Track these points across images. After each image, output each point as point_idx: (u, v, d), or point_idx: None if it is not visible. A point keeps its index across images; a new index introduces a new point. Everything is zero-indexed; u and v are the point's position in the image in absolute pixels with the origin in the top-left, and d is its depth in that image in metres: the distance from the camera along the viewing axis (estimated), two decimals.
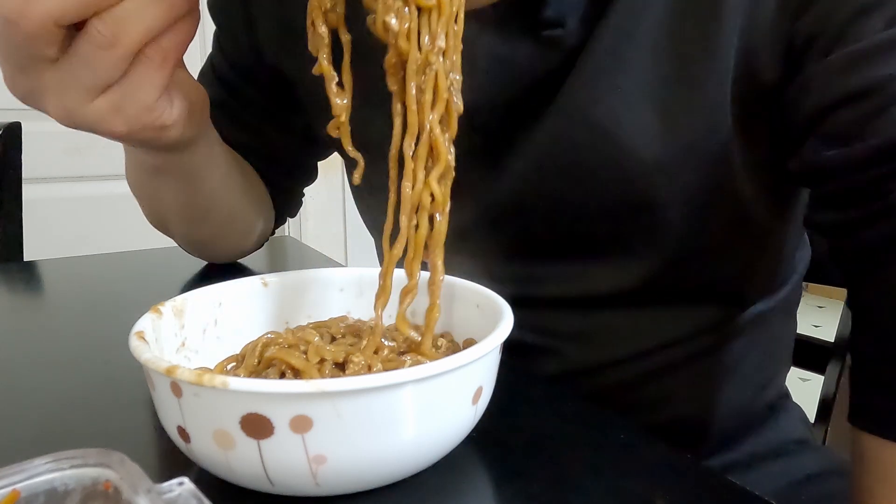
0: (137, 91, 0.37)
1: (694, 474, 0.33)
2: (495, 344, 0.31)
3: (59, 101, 0.37)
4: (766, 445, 0.56)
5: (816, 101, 0.39)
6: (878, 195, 0.37)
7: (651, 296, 0.49)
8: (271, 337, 0.38)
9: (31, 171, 1.04)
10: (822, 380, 0.66)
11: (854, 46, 0.37)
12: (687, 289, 0.49)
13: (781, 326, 0.57)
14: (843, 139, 0.38)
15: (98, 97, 0.37)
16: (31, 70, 0.36)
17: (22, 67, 0.36)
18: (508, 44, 0.44)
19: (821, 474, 0.54)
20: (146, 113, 0.39)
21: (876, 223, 0.38)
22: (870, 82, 0.37)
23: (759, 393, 0.56)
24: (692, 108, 0.42)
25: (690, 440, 0.54)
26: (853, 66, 0.37)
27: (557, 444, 0.35)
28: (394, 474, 0.30)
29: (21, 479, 0.21)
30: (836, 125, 0.38)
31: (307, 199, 0.74)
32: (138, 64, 0.36)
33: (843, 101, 0.38)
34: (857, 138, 0.37)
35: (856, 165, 0.38)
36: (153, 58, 0.36)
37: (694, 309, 0.50)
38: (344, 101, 0.34)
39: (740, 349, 0.53)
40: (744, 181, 0.45)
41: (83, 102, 0.37)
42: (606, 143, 0.43)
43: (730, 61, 0.41)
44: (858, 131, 0.37)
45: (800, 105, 0.40)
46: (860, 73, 0.37)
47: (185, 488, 0.20)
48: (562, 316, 0.51)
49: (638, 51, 0.42)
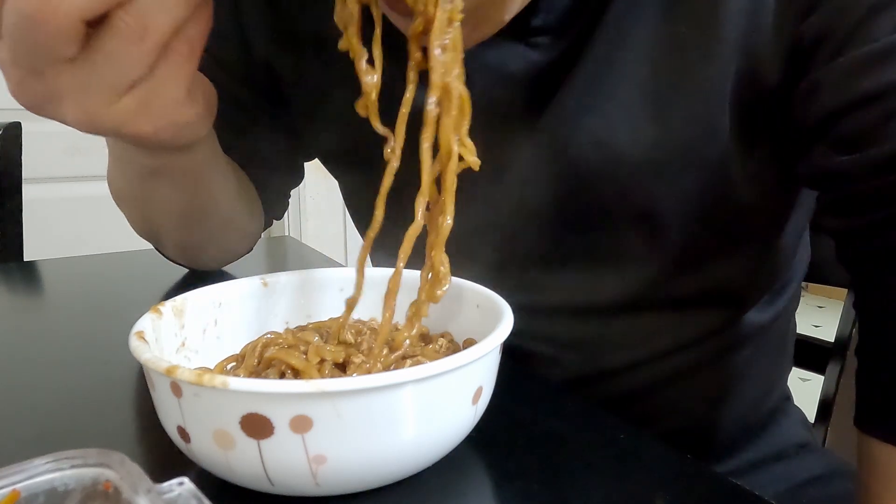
0: (166, 86, 0.35)
1: (694, 474, 0.33)
2: (495, 344, 0.31)
3: (79, 104, 0.34)
4: (768, 450, 0.56)
5: (826, 104, 0.38)
6: (890, 202, 0.37)
7: (651, 302, 0.49)
8: (271, 337, 0.38)
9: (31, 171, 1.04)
10: (822, 380, 0.66)
11: (865, 49, 0.36)
12: (687, 294, 0.49)
13: (784, 333, 0.57)
14: (855, 144, 0.37)
15: (124, 96, 0.34)
16: (47, 73, 0.33)
17: (36, 71, 0.33)
18: (498, 51, 0.44)
19: (822, 477, 0.54)
20: (175, 110, 0.36)
21: (887, 229, 0.37)
22: (881, 86, 0.36)
23: (763, 399, 0.56)
24: (689, 114, 0.42)
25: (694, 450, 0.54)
26: (864, 69, 0.36)
27: (557, 444, 0.35)
28: (394, 474, 0.30)
29: (21, 479, 0.21)
30: (848, 129, 0.38)
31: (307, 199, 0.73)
32: (166, 57, 0.34)
33: (855, 105, 0.37)
34: (870, 144, 0.37)
35: (868, 172, 0.37)
36: (181, 50, 0.34)
37: (694, 314, 0.50)
38: (374, 78, 0.33)
39: (745, 359, 0.52)
40: (743, 186, 0.44)
41: (107, 103, 0.34)
42: (602, 152, 0.43)
43: (730, 65, 0.40)
44: (870, 136, 0.37)
45: (808, 108, 0.39)
46: (871, 76, 0.36)
47: (185, 488, 0.20)
48: (562, 323, 0.50)
49: (632, 58, 0.41)
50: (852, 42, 0.37)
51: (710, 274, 0.48)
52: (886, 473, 0.38)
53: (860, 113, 0.37)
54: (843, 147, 0.38)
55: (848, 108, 0.37)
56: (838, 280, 0.66)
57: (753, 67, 0.40)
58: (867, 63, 0.36)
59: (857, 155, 0.37)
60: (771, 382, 0.57)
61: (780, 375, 0.59)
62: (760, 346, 0.53)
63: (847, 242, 0.41)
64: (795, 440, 0.57)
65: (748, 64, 0.40)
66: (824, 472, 0.54)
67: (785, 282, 0.55)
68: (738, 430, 0.55)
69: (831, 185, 0.40)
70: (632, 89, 0.42)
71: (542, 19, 0.42)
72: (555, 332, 0.51)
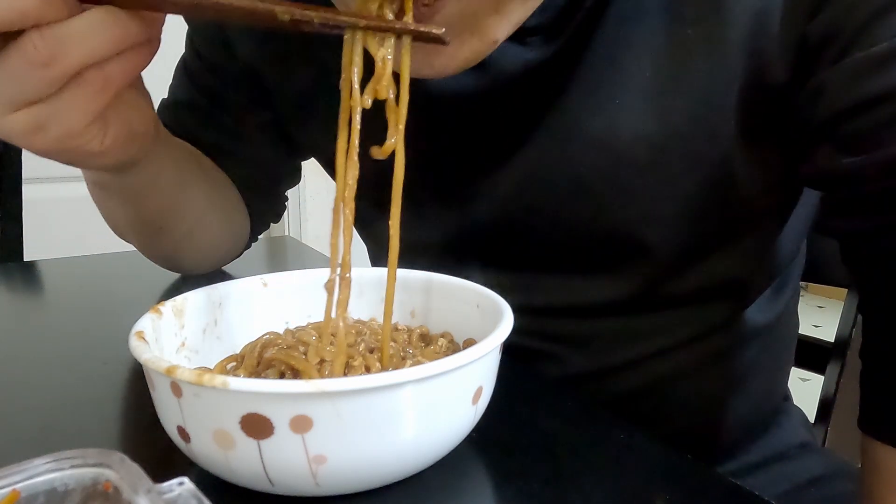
0: (65, 114, 0.33)
1: (694, 474, 0.33)
2: (495, 344, 0.31)
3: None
4: (770, 451, 0.56)
5: (831, 105, 0.38)
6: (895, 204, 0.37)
7: (652, 300, 0.49)
8: (270, 338, 0.38)
9: (31, 171, 1.04)
10: (822, 380, 0.66)
11: (871, 50, 0.36)
12: (687, 292, 0.49)
13: (787, 332, 0.57)
14: (861, 146, 0.37)
15: (18, 111, 0.32)
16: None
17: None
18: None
19: (823, 477, 0.54)
20: (70, 138, 0.34)
21: (893, 231, 0.37)
22: (887, 88, 0.35)
23: (765, 399, 0.56)
24: (692, 114, 0.41)
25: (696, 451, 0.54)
26: (870, 71, 0.36)
27: (557, 444, 0.35)
28: (394, 474, 0.30)
29: (21, 479, 0.21)
30: (853, 131, 0.37)
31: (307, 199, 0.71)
32: (73, 86, 0.32)
33: (860, 107, 0.37)
34: (875, 146, 0.36)
35: (873, 174, 0.37)
36: (92, 83, 0.32)
37: (695, 311, 0.50)
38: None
39: (748, 359, 0.52)
40: (745, 186, 0.44)
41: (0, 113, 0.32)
42: (604, 154, 0.43)
43: (737, 65, 0.40)
44: (875, 138, 0.36)
45: (814, 109, 0.39)
46: (877, 78, 0.36)
47: (185, 488, 0.20)
48: (563, 322, 0.50)
49: (635, 58, 0.41)
50: (858, 43, 0.36)
51: (711, 271, 0.48)
52: (890, 476, 0.38)
53: (866, 115, 0.36)
54: (849, 148, 0.38)
55: (854, 110, 0.37)
56: (838, 280, 0.66)
57: (760, 68, 0.40)
58: (873, 65, 0.36)
59: (863, 157, 0.37)
60: (773, 382, 0.57)
61: (782, 375, 0.59)
62: (764, 345, 0.53)
63: (852, 244, 0.40)
64: (796, 440, 0.57)
65: (755, 64, 0.40)
66: (825, 473, 0.54)
67: (785, 279, 0.55)
68: (741, 430, 0.55)
69: (836, 187, 0.39)
70: (634, 89, 0.41)
71: (536, 19, 0.41)
72: (556, 330, 0.51)
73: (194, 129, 0.58)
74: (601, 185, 0.44)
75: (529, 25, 0.41)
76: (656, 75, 0.41)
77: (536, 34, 0.43)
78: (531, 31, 0.43)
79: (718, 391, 0.52)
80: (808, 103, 0.39)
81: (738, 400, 0.53)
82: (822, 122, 0.39)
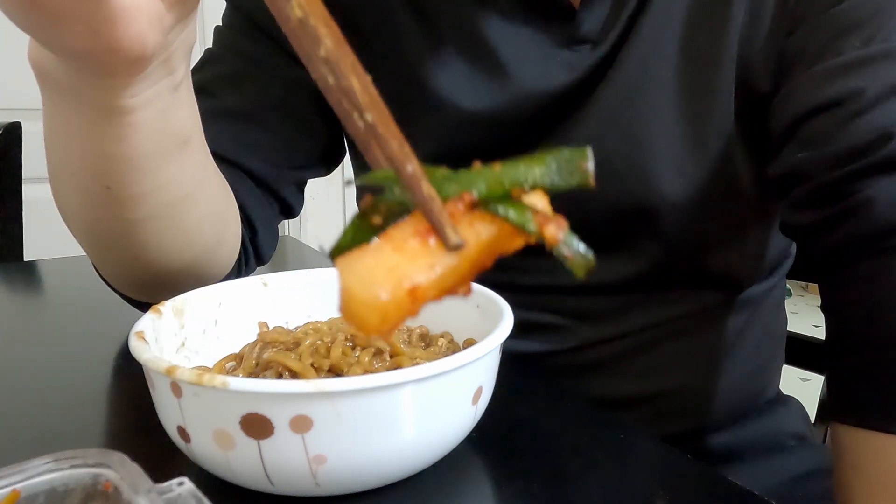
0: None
1: (694, 474, 0.33)
2: (495, 344, 0.31)
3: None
4: (766, 434, 0.57)
5: (796, 108, 0.42)
6: (844, 194, 0.40)
7: (658, 281, 0.52)
8: (269, 339, 0.38)
9: (31, 171, 1.04)
10: (823, 380, 0.66)
11: (833, 61, 0.41)
12: (688, 276, 0.52)
13: (772, 312, 0.59)
14: (817, 143, 0.41)
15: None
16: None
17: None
18: (542, 53, 0.48)
19: (820, 471, 0.55)
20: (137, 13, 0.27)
21: (842, 223, 0.40)
22: (844, 92, 0.40)
23: (757, 375, 0.58)
24: (706, 114, 0.46)
25: (695, 412, 0.55)
26: (830, 78, 0.41)
27: (557, 444, 0.35)
28: (394, 474, 0.30)
29: (21, 479, 0.21)
30: (812, 130, 0.42)
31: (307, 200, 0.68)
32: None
33: (819, 109, 0.41)
34: (829, 142, 0.40)
35: (825, 166, 0.40)
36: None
37: (694, 292, 0.53)
38: None
39: (738, 326, 0.55)
40: (745, 179, 0.49)
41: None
42: (634, 145, 0.47)
43: (732, 71, 0.45)
44: (831, 136, 0.40)
45: (781, 113, 0.44)
46: (836, 84, 0.40)
47: (185, 488, 0.20)
48: (576, 299, 0.53)
49: (663, 62, 0.46)
50: (823, 56, 0.42)
51: (711, 256, 0.52)
52: (854, 459, 0.39)
53: (823, 116, 0.41)
54: (807, 145, 0.42)
55: (813, 112, 0.41)
56: None
57: (749, 76, 0.45)
58: (832, 73, 0.41)
59: (817, 151, 0.41)
60: (764, 358, 0.59)
61: (772, 357, 0.60)
62: (751, 316, 0.56)
63: (809, 240, 0.44)
64: (794, 431, 0.59)
65: (744, 73, 0.45)
66: (822, 467, 0.55)
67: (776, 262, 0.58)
68: (736, 401, 0.56)
69: (794, 182, 0.43)
70: (661, 90, 0.46)
71: (585, 29, 0.47)
72: (570, 306, 0.53)
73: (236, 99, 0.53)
74: (627, 171, 0.48)
75: (580, 35, 0.48)
76: (677, 76, 0.46)
77: (586, 42, 0.48)
78: (581, 40, 0.48)
79: (711, 352, 0.55)
80: (778, 108, 0.44)
81: (729, 362, 0.55)
82: (787, 124, 0.43)
